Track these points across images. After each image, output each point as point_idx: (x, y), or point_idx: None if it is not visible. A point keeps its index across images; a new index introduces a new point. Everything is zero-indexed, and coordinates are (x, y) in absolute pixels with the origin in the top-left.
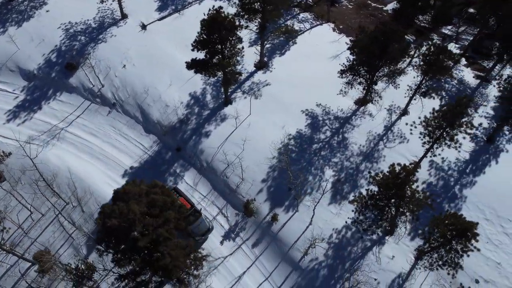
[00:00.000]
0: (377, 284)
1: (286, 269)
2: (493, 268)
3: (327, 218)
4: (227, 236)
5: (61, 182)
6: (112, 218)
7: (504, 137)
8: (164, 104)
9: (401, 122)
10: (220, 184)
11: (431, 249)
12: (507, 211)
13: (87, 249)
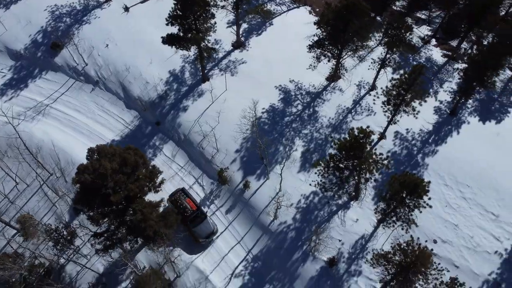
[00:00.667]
0: (341, 245)
1: (257, 233)
2: (450, 229)
3: (296, 185)
4: (203, 204)
5: (45, 154)
6: (86, 174)
7: (466, 110)
8: (144, 81)
9: (369, 96)
10: (197, 155)
11: (390, 211)
12: (466, 178)
13: (69, 217)
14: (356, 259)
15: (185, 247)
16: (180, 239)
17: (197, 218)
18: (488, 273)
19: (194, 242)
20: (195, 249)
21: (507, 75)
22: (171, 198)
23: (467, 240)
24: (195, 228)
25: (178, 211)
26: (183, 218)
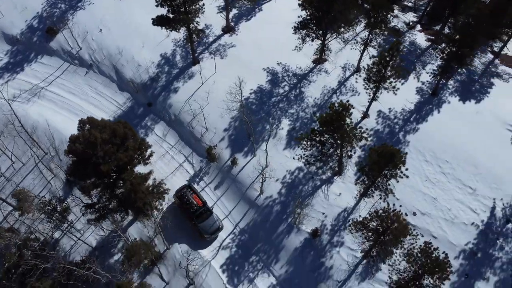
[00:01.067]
0: (324, 218)
1: (244, 207)
2: (429, 202)
3: (281, 161)
4: (192, 180)
5: (40, 134)
6: (77, 144)
7: (447, 91)
8: (136, 64)
9: (353, 78)
10: (187, 135)
11: (369, 181)
12: (445, 154)
13: (64, 194)
14: (338, 231)
15: (190, 243)
16: (186, 235)
17: (203, 214)
18: (464, 243)
19: (200, 238)
20: (200, 244)
21: (488, 58)
22: (178, 193)
23: (445, 212)
24: (201, 224)
25: (185, 206)
26: (189, 214)
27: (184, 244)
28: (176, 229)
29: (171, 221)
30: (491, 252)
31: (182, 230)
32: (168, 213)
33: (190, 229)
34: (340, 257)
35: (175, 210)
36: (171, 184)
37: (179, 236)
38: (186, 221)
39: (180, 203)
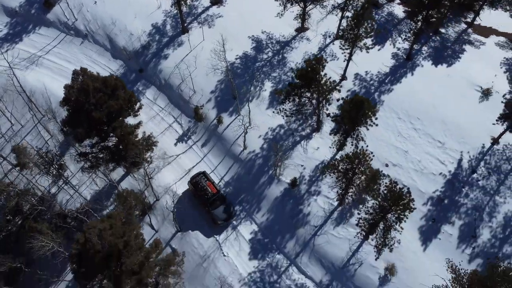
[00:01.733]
0: (303, 169)
1: (229, 162)
2: (401, 155)
3: (264, 119)
4: (181, 139)
5: (38, 97)
6: (71, 91)
7: (421, 56)
8: (129, 33)
9: (333, 45)
10: (176, 97)
11: (342, 129)
12: (417, 112)
13: (60, 152)
14: (316, 181)
15: (203, 229)
16: (199, 221)
17: (217, 201)
18: (432, 191)
19: (213, 225)
20: (213, 230)
21: (462, 27)
22: (192, 180)
23: (415, 163)
24: (214, 210)
25: (199, 193)
26: (204, 201)
27: (172, 196)
28: (189, 215)
29: (185, 208)
30: (457, 199)
31: (196, 216)
32: (183, 199)
33: (204, 215)
34: (317, 204)
35: (189, 196)
36: (161, 143)
37: (192, 221)
38: (200, 208)
39: (195, 190)
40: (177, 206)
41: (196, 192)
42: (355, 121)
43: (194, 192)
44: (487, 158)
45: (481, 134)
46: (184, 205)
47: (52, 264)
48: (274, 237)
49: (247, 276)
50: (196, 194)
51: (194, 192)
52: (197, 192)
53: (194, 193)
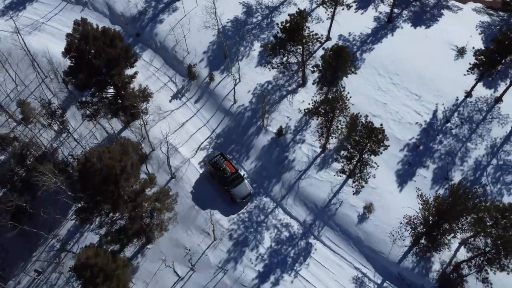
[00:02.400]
0: (289, 120)
1: (220, 116)
2: (380, 107)
3: (253, 76)
4: (175, 97)
5: (40, 60)
6: (72, 37)
7: (401, 19)
8: (126, 0)
9: (319, 9)
10: (170, 59)
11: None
12: (396, 68)
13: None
14: (300, 131)
15: (222, 207)
16: (218, 200)
17: (236, 180)
18: (409, 139)
19: (232, 203)
20: (232, 209)
21: None
22: (211, 161)
23: (394, 114)
24: (233, 189)
25: (218, 173)
26: (222, 180)
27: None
28: (207, 194)
29: (203, 187)
30: (432, 145)
31: (213, 195)
32: (201, 179)
33: (222, 194)
34: (302, 151)
35: (207, 177)
36: (157, 100)
37: (210, 200)
38: (219, 187)
39: (214, 170)
40: (195, 187)
41: (215, 172)
42: (335, 68)
43: (213, 173)
44: (460, 110)
45: (455, 88)
46: (201, 186)
47: (55, 206)
48: (262, 182)
49: (236, 216)
50: (215, 174)
51: (213, 172)
52: (216, 172)
53: (213, 174)
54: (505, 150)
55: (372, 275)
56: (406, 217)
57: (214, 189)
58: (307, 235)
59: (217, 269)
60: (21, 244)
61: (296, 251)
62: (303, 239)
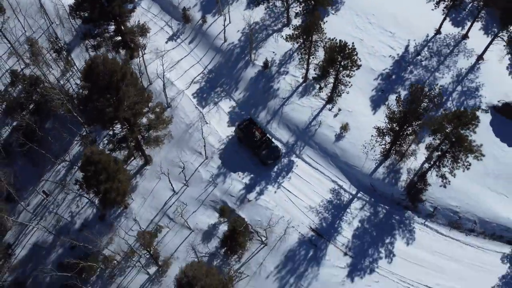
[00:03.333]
0: (274, 55)
1: (211, 54)
2: (357, 43)
3: (242, 17)
4: (171, 38)
5: (47, 8)
6: None
7: None
8: None
9: None
10: (167, 5)
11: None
12: (372, 10)
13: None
14: (285, 64)
15: (253, 170)
16: (249, 163)
17: (265, 143)
18: (382, 69)
19: (262, 165)
20: (263, 171)
21: None
22: (240, 126)
23: (369, 48)
24: (263, 152)
25: (248, 138)
26: (253, 144)
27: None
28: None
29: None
30: (403, 75)
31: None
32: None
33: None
34: (285, 81)
35: (234, 142)
36: (154, 42)
37: (239, 163)
38: (248, 151)
39: (243, 136)
40: (222, 149)
41: (244, 137)
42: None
43: (243, 138)
44: (430, 45)
45: (427, 27)
46: (229, 149)
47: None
48: (249, 109)
49: (225, 138)
50: (245, 139)
51: (243, 137)
52: (246, 137)
53: (242, 138)
54: (469, 79)
55: (348, 187)
56: (375, 127)
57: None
58: (289, 154)
59: (208, 183)
60: (30, 170)
61: (280, 166)
62: (286, 157)
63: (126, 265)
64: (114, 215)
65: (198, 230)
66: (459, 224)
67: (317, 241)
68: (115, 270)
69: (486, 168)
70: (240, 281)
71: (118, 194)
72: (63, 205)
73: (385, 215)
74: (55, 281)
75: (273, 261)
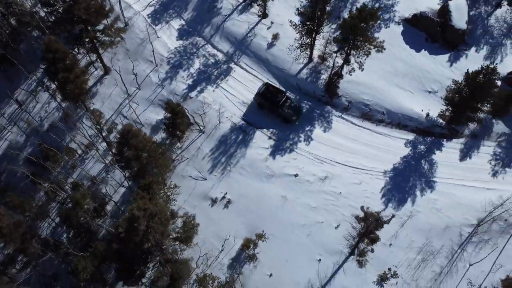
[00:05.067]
0: None
1: None
2: None
3: None
4: None
5: None
6: None
7: None
8: None
9: None
10: None
11: None
12: None
13: None
14: None
15: (278, 128)
16: (274, 123)
17: (286, 102)
18: None
19: (286, 123)
20: (286, 128)
21: None
22: (259, 92)
23: None
24: (287, 110)
25: (270, 100)
26: (275, 105)
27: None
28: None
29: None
30: None
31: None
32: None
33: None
34: (227, 1)
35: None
36: None
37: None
38: (270, 113)
39: (263, 100)
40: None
41: (267, 102)
42: None
43: (262, 103)
44: None
45: None
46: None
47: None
48: (196, 26)
49: (173, 49)
50: (268, 103)
51: (262, 102)
52: (269, 101)
53: (262, 104)
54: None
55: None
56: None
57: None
58: (228, 62)
59: (157, 85)
60: (5, 86)
61: (219, 71)
62: (225, 64)
63: (86, 157)
64: (77, 117)
65: (148, 125)
66: (370, 116)
67: (247, 128)
68: (76, 161)
69: (396, 69)
70: (181, 163)
71: (76, 88)
72: (33, 112)
73: (308, 110)
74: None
75: (209, 145)
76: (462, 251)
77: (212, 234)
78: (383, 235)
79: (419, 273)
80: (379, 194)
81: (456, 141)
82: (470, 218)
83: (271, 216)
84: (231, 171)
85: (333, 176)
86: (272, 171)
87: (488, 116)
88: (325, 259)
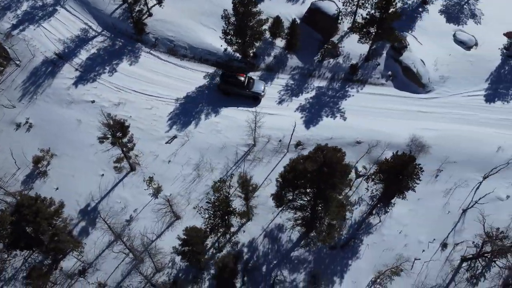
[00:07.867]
0: None
1: None
2: None
3: None
4: None
5: None
6: None
7: None
8: None
9: None
10: None
11: None
12: None
13: None
14: None
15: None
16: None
17: (249, 82)
18: None
19: (254, 101)
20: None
21: None
22: (222, 79)
23: None
24: (252, 89)
25: (232, 85)
26: (240, 87)
27: None
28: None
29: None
30: None
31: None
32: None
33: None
34: None
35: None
36: None
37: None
38: (237, 95)
39: (227, 86)
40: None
41: (228, 87)
42: None
43: (227, 88)
44: None
45: None
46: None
47: None
48: None
49: None
50: (232, 88)
51: (227, 87)
52: (233, 85)
53: (226, 89)
54: None
55: (96, 27)
56: None
57: None
58: (55, 5)
59: None
60: None
61: (44, 13)
62: (52, 7)
63: None
64: None
65: None
66: (175, 51)
67: (57, 61)
68: None
69: (202, 7)
70: None
71: None
72: None
73: (120, 46)
74: None
75: (22, 77)
76: (237, 168)
77: (13, 154)
78: (164, 154)
79: (193, 186)
80: (166, 117)
81: (253, 74)
82: (246, 138)
83: (65, 137)
84: (37, 99)
85: (127, 102)
86: (72, 98)
87: (284, 51)
88: (108, 174)
